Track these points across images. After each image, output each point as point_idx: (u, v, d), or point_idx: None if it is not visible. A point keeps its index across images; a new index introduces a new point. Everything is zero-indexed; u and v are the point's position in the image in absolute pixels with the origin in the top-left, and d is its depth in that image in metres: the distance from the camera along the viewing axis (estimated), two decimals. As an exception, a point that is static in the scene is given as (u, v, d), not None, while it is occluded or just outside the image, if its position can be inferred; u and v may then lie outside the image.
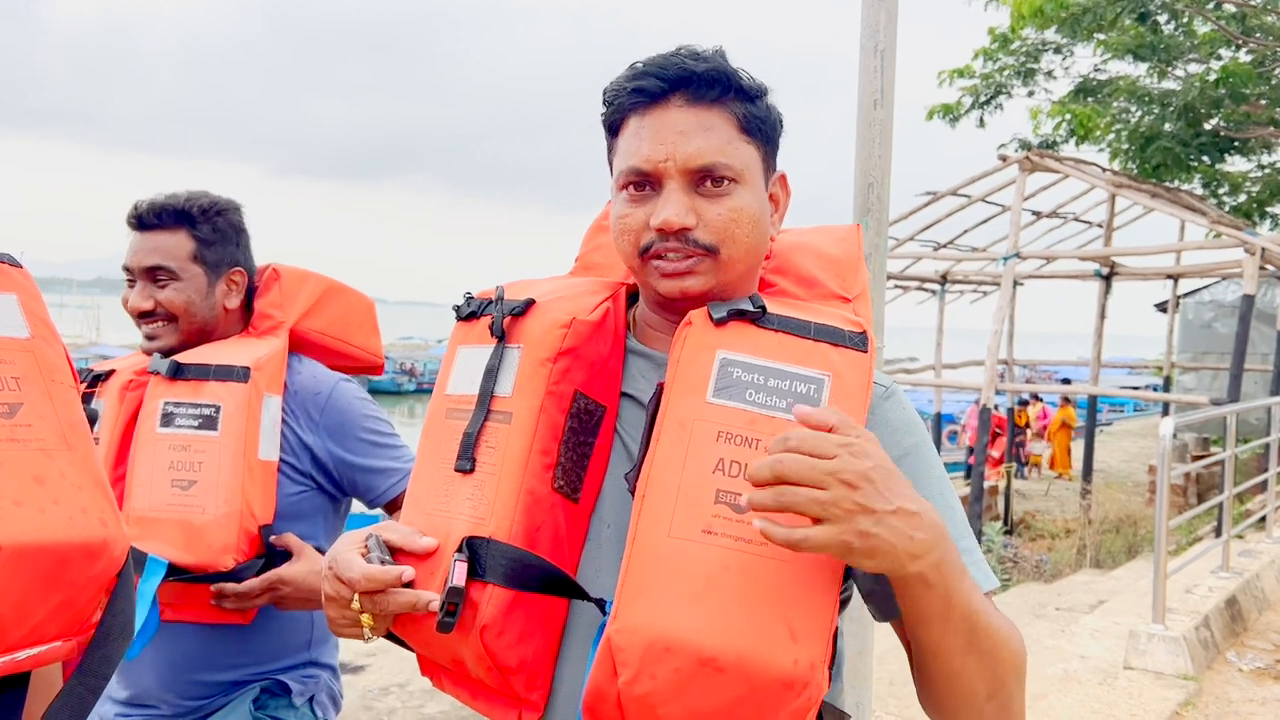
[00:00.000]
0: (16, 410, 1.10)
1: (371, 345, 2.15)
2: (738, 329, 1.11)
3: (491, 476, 1.14)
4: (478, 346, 1.22)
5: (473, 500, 1.14)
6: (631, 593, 1.00)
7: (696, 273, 1.13)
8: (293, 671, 1.94)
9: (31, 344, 1.16)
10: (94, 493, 1.14)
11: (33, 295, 1.19)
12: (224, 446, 1.79)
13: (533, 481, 1.13)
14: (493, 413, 1.17)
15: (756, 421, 1.04)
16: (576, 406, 1.16)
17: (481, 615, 1.08)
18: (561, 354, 1.17)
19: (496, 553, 1.09)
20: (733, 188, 1.13)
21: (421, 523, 1.17)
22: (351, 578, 1.10)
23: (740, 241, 1.13)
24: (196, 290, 1.94)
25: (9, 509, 1.04)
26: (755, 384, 1.06)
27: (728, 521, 1.00)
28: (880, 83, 2.26)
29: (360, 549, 1.14)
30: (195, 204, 1.95)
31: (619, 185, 1.16)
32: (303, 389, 1.93)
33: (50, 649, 1.10)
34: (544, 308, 1.21)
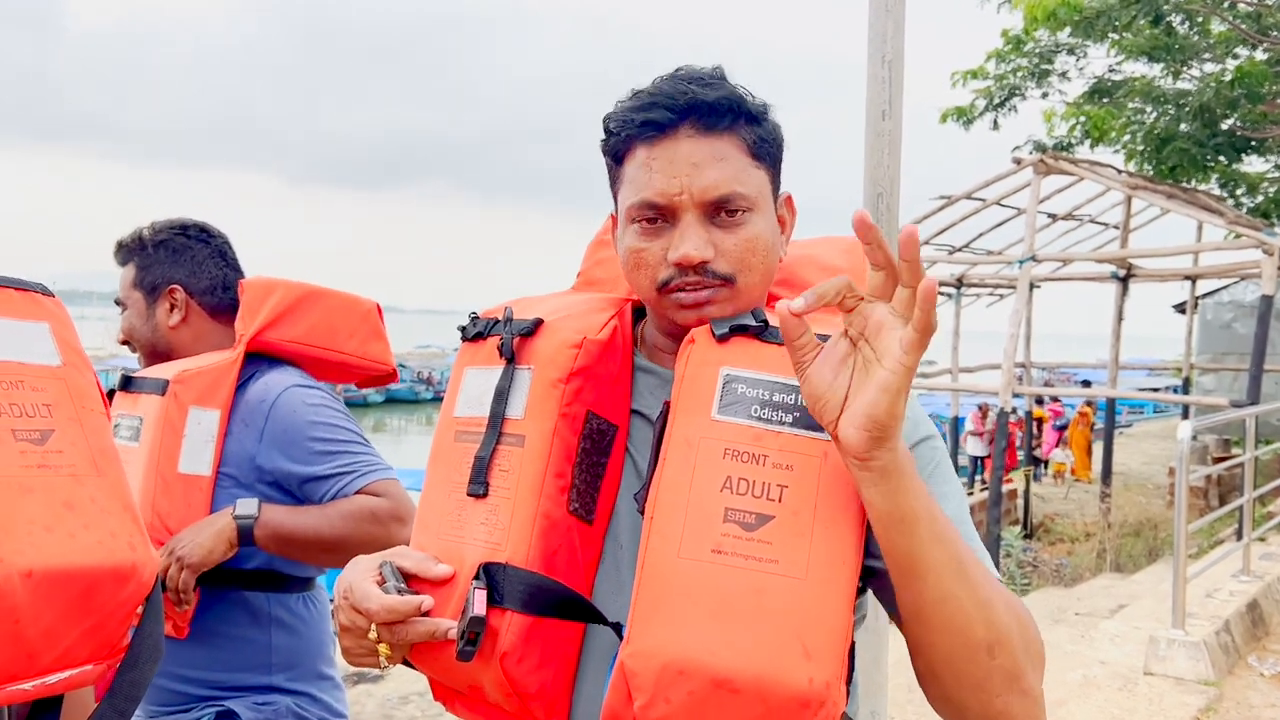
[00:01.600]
0: (48, 437, 1.13)
1: (371, 351, 2.08)
2: (740, 344, 1.10)
3: (506, 501, 1.13)
4: (486, 368, 1.21)
5: (487, 525, 1.13)
6: (643, 616, 0.99)
7: (715, 302, 1.12)
8: (246, 696, 1.89)
9: (63, 372, 1.19)
10: (123, 518, 1.17)
11: (64, 323, 1.23)
12: (139, 459, 1.80)
13: (548, 505, 1.12)
14: (504, 435, 1.17)
15: (762, 437, 1.04)
16: (589, 427, 1.16)
17: (502, 643, 1.08)
18: (573, 374, 1.17)
19: (514, 579, 1.09)
20: (747, 216, 1.13)
21: (434, 548, 1.17)
22: (370, 609, 1.09)
23: (756, 269, 1.13)
24: (138, 315, 2.03)
25: (40, 534, 1.07)
26: (760, 399, 1.05)
27: (738, 540, 0.99)
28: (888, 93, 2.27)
29: (375, 577, 1.14)
30: (139, 235, 2.04)
31: (629, 218, 1.15)
32: (249, 400, 1.91)
33: (81, 672, 1.13)
34: (553, 327, 1.20)
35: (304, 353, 2.01)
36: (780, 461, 1.02)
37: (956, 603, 0.96)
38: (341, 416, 1.93)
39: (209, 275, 2.05)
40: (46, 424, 1.14)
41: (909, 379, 0.88)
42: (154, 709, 1.91)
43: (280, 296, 1.98)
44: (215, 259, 2.07)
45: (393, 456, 9.80)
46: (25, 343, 1.17)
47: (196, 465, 1.83)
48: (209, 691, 1.88)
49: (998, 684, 0.98)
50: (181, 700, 1.89)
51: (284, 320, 1.97)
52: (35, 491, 1.09)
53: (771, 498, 1.01)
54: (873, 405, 0.88)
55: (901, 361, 0.87)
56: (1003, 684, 0.98)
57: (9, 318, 1.17)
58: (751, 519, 1.00)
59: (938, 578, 0.96)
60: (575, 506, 1.14)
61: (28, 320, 1.19)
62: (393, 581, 1.12)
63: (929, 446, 1.14)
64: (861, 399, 0.89)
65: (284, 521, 1.80)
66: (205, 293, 2.04)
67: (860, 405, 0.89)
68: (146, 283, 2.02)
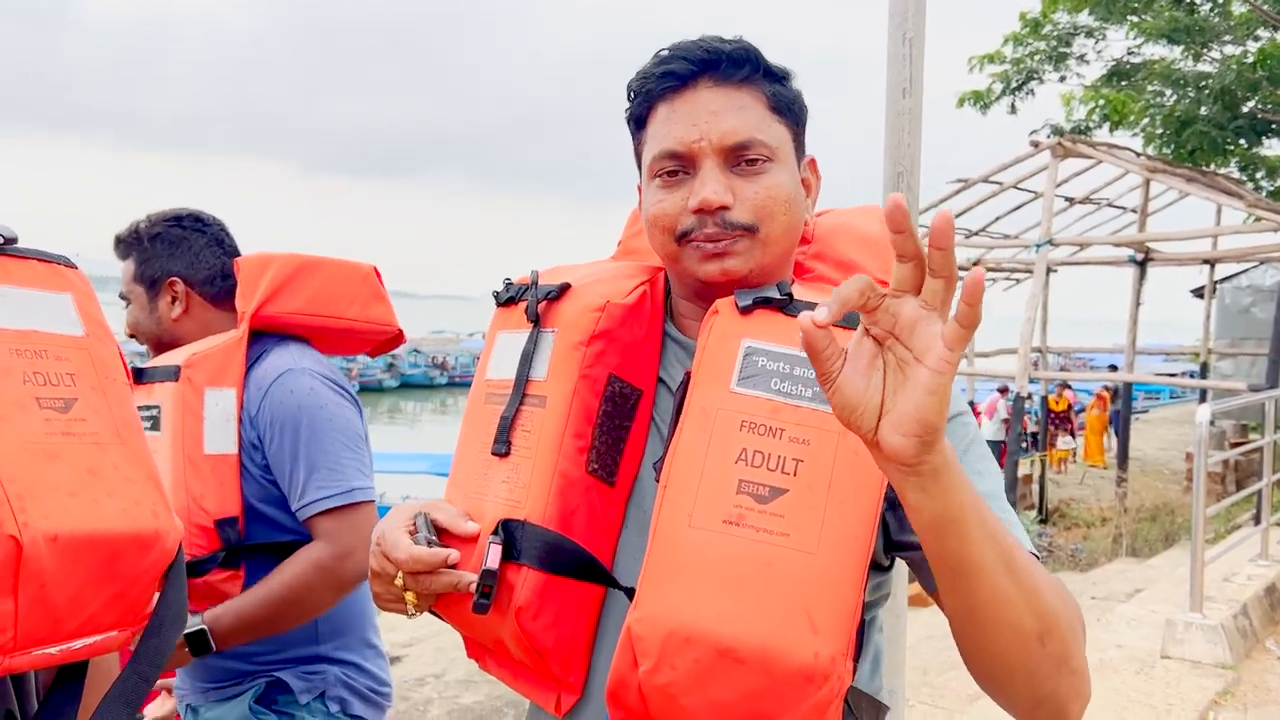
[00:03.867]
0: (71, 405, 1.14)
1: (374, 314, 2.07)
2: (764, 317, 1.09)
3: (526, 460, 1.15)
4: (515, 332, 1.23)
5: (508, 483, 1.15)
6: (652, 582, 1.00)
7: (736, 253, 1.11)
8: (295, 667, 1.93)
9: (86, 342, 1.20)
10: (146, 486, 1.17)
11: (87, 295, 1.23)
12: (164, 445, 1.82)
13: (566, 464, 1.14)
14: (528, 397, 1.18)
15: (780, 410, 1.03)
16: (611, 390, 1.16)
17: (517, 597, 1.10)
18: (595, 337, 1.17)
19: (531, 535, 1.11)
20: (768, 166, 1.12)
21: (461, 505, 1.19)
22: (398, 558, 1.12)
23: (778, 220, 1.12)
24: (141, 308, 2.06)
25: (64, 500, 1.08)
26: (780, 373, 1.05)
27: (750, 512, 0.99)
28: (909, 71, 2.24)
29: (408, 526, 1.15)
30: (136, 229, 2.06)
31: (650, 173, 1.15)
32: (253, 381, 1.92)
33: (106, 638, 1.14)
34: (579, 292, 1.21)
35: (308, 323, 2.01)
36: (797, 435, 1.02)
37: (1007, 598, 0.91)
38: (330, 411, 1.91)
39: (207, 264, 2.07)
40: (70, 392, 1.14)
41: (953, 377, 0.83)
42: (204, 685, 1.94)
43: (276, 269, 1.98)
44: (212, 247, 2.08)
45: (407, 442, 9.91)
46: (49, 313, 1.17)
47: (222, 445, 1.85)
48: (257, 666, 1.92)
49: (1048, 669, 0.95)
50: (231, 676, 1.92)
51: (283, 293, 1.97)
52: (60, 458, 1.10)
53: (786, 471, 1.00)
54: (920, 408, 0.80)
55: (946, 359, 0.80)
56: (1052, 668, 0.95)
57: (33, 288, 1.17)
58: (765, 491, 1.00)
59: (990, 577, 0.90)
60: (594, 467, 1.15)
61: (51, 291, 1.19)
62: (424, 533, 1.14)
63: (960, 424, 1.11)
64: (905, 403, 0.82)
65: (233, 622, 1.80)
66: (205, 282, 2.06)
67: (906, 410, 0.81)
68: (146, 276, 2.05)
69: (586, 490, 1.14)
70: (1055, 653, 0.94)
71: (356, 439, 1.94)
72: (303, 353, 1.99)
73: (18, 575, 1.02)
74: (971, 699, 4.65)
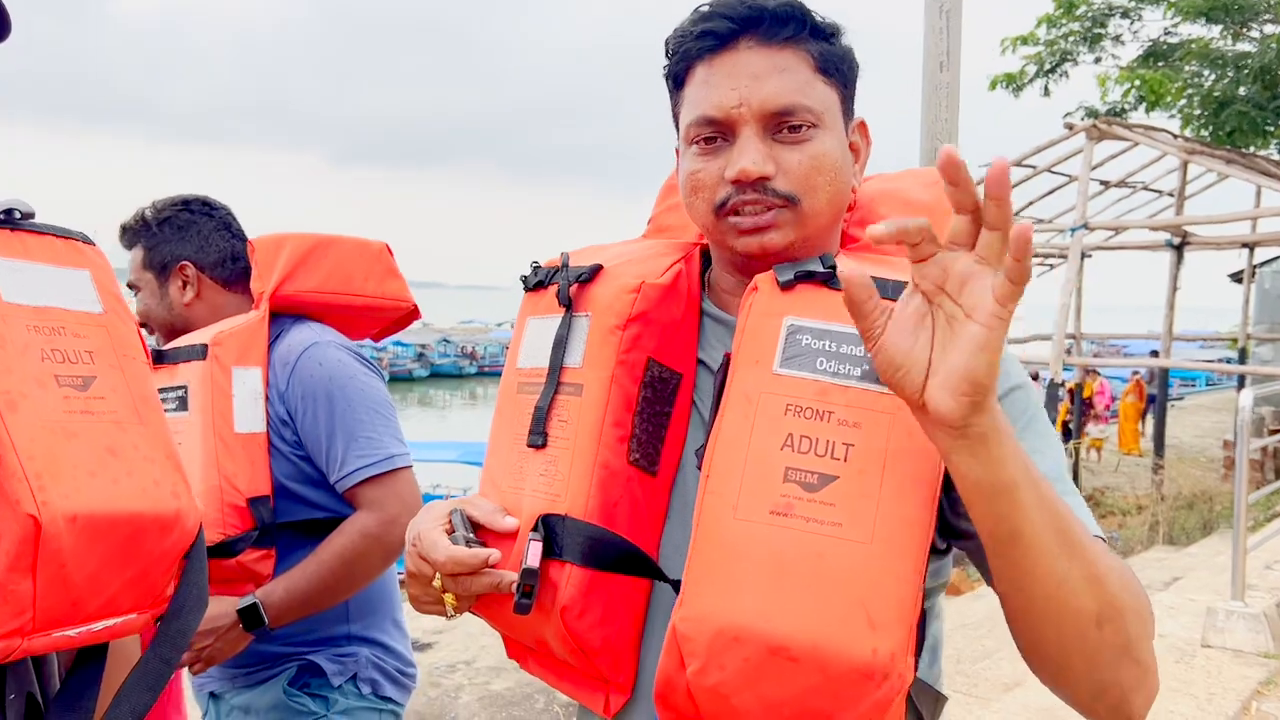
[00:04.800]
0: (90, 383, 1.12)
1: (389, 290, 2.06)
2: (807, 292, 1.03)
3: (565, 451, 1.10)
4: (546, 317, 1.18)
5: (546, 476, 1.11)
6: (697, 578, 0.95)
7: (777, 225, 1.05)
8: (327, 649, 1.92)
9: (105, 319, 1.17)
10: (166, 466, 1.15)
11: (105, 272, 1.21)
12: (193, 424, 1.81)
13: (607, 455, 1.09)
14: (563, 385, 1.13)
15: (828, 392, 0.97)
16: (650, 375, 1.11)
17: (561, 596, 1.05)
18: (631, 320, 1.11)
19: (573, 530, 1.06)
20: (813, 133, 1.05)
21: (498, 499, 1.15)
22: (436, 559, 1.07)
23: (822, 191, 1.05)
24: (151, 295, 2.05)
25: (84, 479, 1.05)
26: (826, 351, 0.99)
27: (798, 501, 0.94)
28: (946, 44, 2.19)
29: (445, 525, 1.11)
30: (142, 216, 2.05)
31: (687, 139, 1.09)
32: (278, 360, 1.91)
33: (126, 621, 1.12)
34: (611, 273, 1.16)
35: (325, 301, 2.01)
36: (846, 418, 0.96)
37: (1062, 576, 0.86)
38: (360, 381, 1.91)
39: (217, 248, 2.06)
40: (89, 370, 1.12)
41: (1005, 333, 0.79)
42: (235, 670, 1.93)
43: (291, 249, 1.98)
44: (221, 231, 2.08)
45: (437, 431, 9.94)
46: (67, 289, 1.15)
47: (251, 423, 1.84)
48: (289, 649, 1.91)
49: (1107, 656, 0.90)
50: (261, 659, 1.90)
51: (299, 271, 1.97)
52: (78, 437, 1.07)
53: (836, 456, 0.95)
54: (970, 366, 0.77)
55: (997, 315, 0.77)
56: (1113, 656, 0.90)
57: (51, 264, 1.15)
58: (814, 479, 0.94)
59: (1041, 548, 0.86)
60: (636, 457, 1.10)
61: (70, 267, 1.17)
62: (461, 531, 1.10)
63: (1020, 396, 1.05)
64: (954, 360, 0.79)
65: (284, 597, 1.80)
66: (215, 266, 2.05)
67: (955, 368, 0.78)
68: (156, 263, 2.04)
69: (628, 481, 1.09)
70: (1115, 640, 0.89)
71: (388, 407, 1.94)
72: (323, 328, 1.99)
73: (36, 555, 1.00)
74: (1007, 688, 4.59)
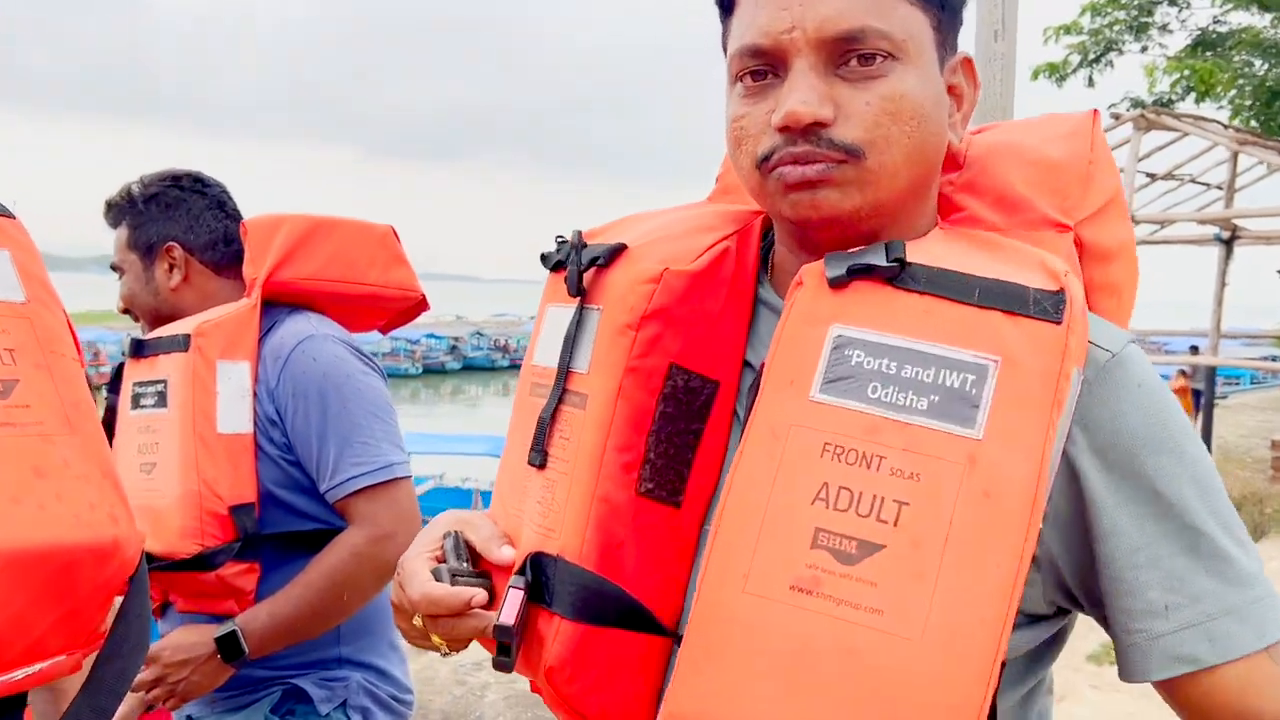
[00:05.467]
0: (11, 389, 0.95)
1: (395, 278, 1.88)
2: (864, 291, 0.81)
3: (562, 476, 0.91)
4: (563, 306, 0.97)
5: (543, 505, 0.92)
6: (691, 664, 0.76)
7: (832, 182, 0.82)
8: (315, 672, 1.76)
9: (28, 309, 1.00)
10: (101, 484, 0.98)
11: (28, 251, 1.04)
12: (172, 422, 1.64)
13: (608, 486, 0.88)
14: (568, 393, 0.93)
15: (880, 429, 0.76)
16: (672, 385, 0.89)
17: (548, 654, 0.87)
18: (647, 318, 0.90)
19: (564, 576, 0.87)
20: (889, 66, 0.82)
21: (502, 522, 0.98)
22: (411, 596, 0.91)
23: (897, 142, 0.82)
24: (135, 278, 1.88)
25: (5, 507, 0.89)
26: (884, 373, 0.77)
27: (828, 576, 0.74)
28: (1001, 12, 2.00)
29: (435, 552, 0.95)
30: (128, 191, 1.88)
31: (733, 76, 0.88)
32: (269, 353, 1.74)
33: (54, 664, 0.95)
34: (634, 255, 0.93)
35: (324, 290, 1.83)
36: (902, 467, 0.75)
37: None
38: (358, 380, 1.75)
39: (208, 229, 1.89)
40: (9, 373, 0.96)
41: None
42: (213, 694, 1.76)
43: (287, 231, 1.79)
44: (213, 210, 1.91)
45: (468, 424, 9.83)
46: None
47: (236, 423, 1.67)
48: (273, 672, 1.74)
49: None
50: (243, 683, 1.74)
51: (296, 256, 1.79)
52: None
53: (884, 518, 0.74)
54: None
55: None
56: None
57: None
58: (852, 548, 0.74)
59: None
60: (649, 487, 0.89)
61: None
62: (451, 561, 0.94)
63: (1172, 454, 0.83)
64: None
65: (267, 624, 1.65)
66: (206, 248, 1.88)
67: None
68: (141, 243, 1.87)
69: (638, 516, 0.89)
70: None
71: (387, 410, 1.77)
72: (320, 320, 1.82)
73: None
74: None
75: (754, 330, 0.94)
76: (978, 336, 0.77)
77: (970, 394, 0.76)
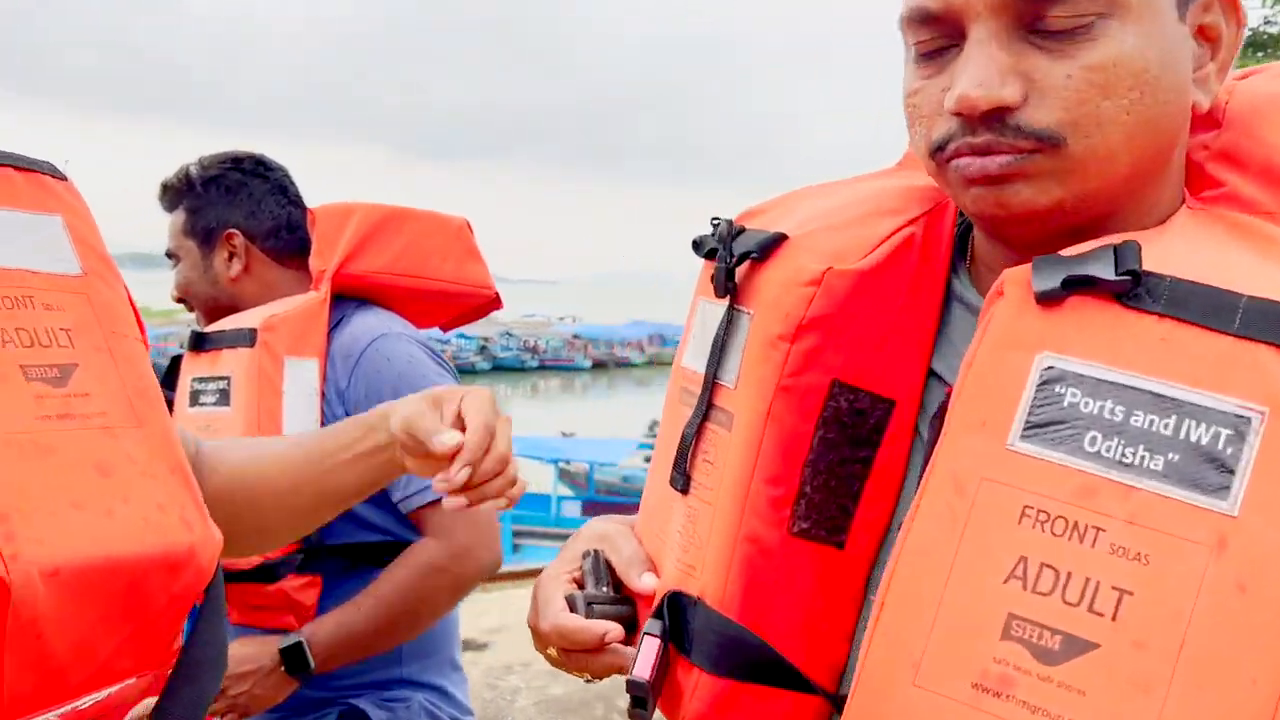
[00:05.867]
0: (69, 374, 0.82)
1: (469, 274, 1.77)
2: (1083, 310, 0.63)
3: (705, 506, 0.78)
4: (715, 302, 0.82)
5: (683, 535, 0.80)
6: None
7: (1023, 175, 0.66)
8: (374, 693, 1.65)
9: (85, 283, 0.88)
10: (171, 482, 0.86)
11: (83, 218, 0.91)
12: (234, 423, 1.55)
13: (755, 523, 0.75)
14: (714, 409, 0.80)
15: (1098, 492, 0.59)
16: (834, 407, 0.75)
17: (687, 709, 0.77)
18: (804, 327, 0.75)
19: (704, 621, 0.76)
20: (1101, 27, 0.64)
21: (647, 543, 0.87)
22: (541, 627, 0.83)
23: (1113, 120, 0.65)
24: (192, 266, 1.78)
25: (66, 514, 0.77)
26: (1105, 420, 0.60)
27: (1023, 676, 0.58)
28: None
29: (574, 573, 0.86)
30: (186, 174, 1.78)
31: (906, 42, 0.73)
32: (338, 351, 1.64)
33: (122, 688, 0.84)
34: (794, 248, 0.77)
35: (394, 285, 1.72)
36: (1126, 544, 0.59)
37: None
38: (434, 382, 1.64)
39: (270, 215, 1.78)
40: (65, 356, 0.83)
41: None
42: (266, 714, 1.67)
43: (359, 221, 1.69)
44: (276, 195, 1.80)
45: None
46: (32, 243, 0.85)
47: (303, 424, 1.57)
48: (330, 693, 1.64)
49: None
50: (298, 704, 1.64)
51: (367, 248, 1.68)
52: (57, 452, 0.79)
53: (1099, 609, 0.58)
54: None
55: None
56: None
57: (8, 207, 0.85)
58: (1055, 643, 0.58)
59: None
60: (804, 526, 0.75)
61: (34, 211, 0.87)
62: (589, 585, 0.84)
63: None
64: None
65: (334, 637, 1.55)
66: (268, 235, 1.78)
67: None
68: (199, 228, 1.77)
69: (790, 559, 0.75)
70: None
71: None
72: (391, 317, 1.71)
73: (4, 626, 0.73)
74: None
75: (944, 334, 0.78)
76: (1237, 378, 0.59)
77: (1224, 454, 0.58)
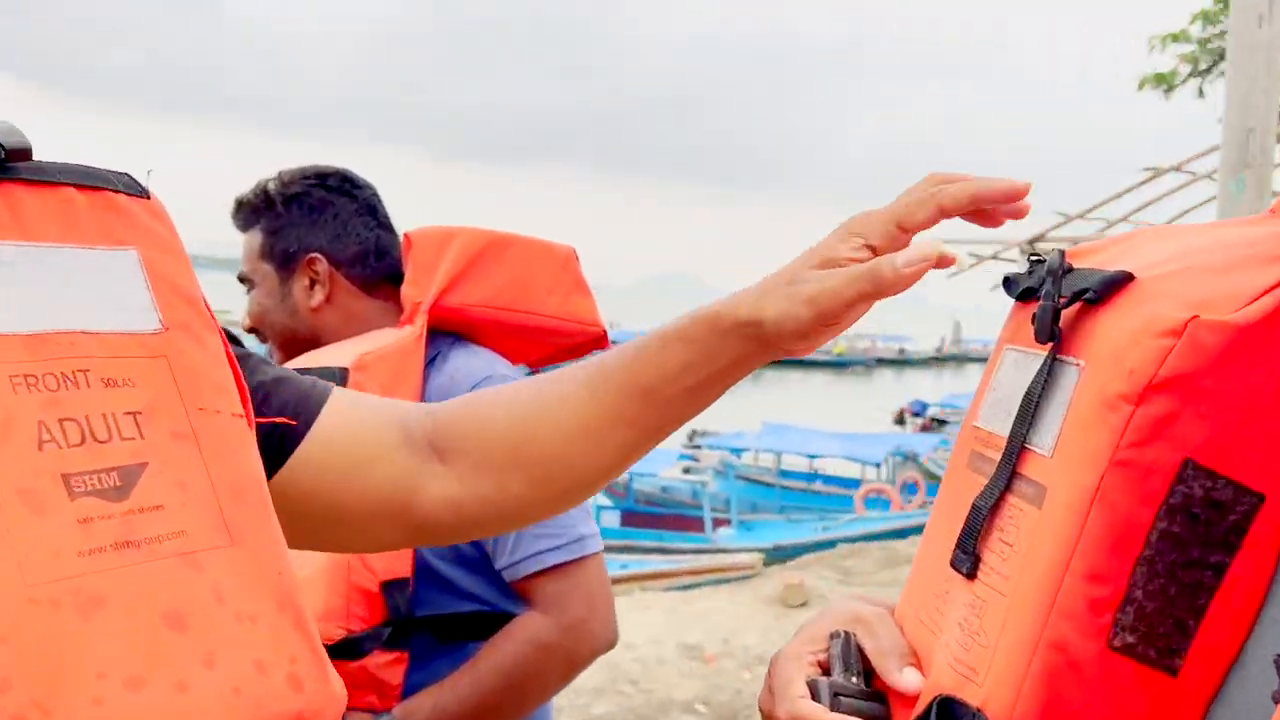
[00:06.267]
0: (134, 480, 0.59)
1: (576, 309, 1.57)
2: None
3: (999, 598, 0.64)
4: (1025, 351, 0.69)
5: (964, 629, 0.66)
6: None
7: None
8: None
9: (166, 342, 0.65)
10: (279, 624, 0.64)
11: (168, 248, 0.69)
12: None
13: (1064, 627, 0.59)
14: (1019, 479, 0.65)
15: None
16: (1183, 493, 0.58)
17: None
18: (1155, 387, 0.58)
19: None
20: None
21: (912, 629, 0.74)
22: (776, 714, 0.73)
23: None
24: (269, 294, 1.61)
25: (117, 699, 0.55)
26: None
27: None
28: (1269, -7, 1.67)
29: (819, 655, 0.75)
30: (264, 190, 1.60)
31: None
32: (435, 394, 1.45)
33: None
34: (1143, 291, 0.62)
35: (495, 319, 1.54)
36: None
37: None
38: None
39: (357, 238, 1.60)
40: (132, 453, 0.60)
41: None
42: None
43: (460, 248, 1.50)
44: (364, 216, 1.62)
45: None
46: (94, 292, 0.63)
47: None
48: None
49: None
50: None
51: (467, 278, 1.50)
52: (108, 603, 0.56)
53: None
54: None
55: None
56: None
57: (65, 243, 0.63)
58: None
59: None
60: (1128, 640, 0.58)
61: (98, 246, 0.65)
62: (836, 673, 0.74)
63: None
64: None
65: (430, 717, 1.38)
66: (354, 262, 1.59)
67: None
68: (278, 252, 1.59)
69: (1106, 678, 0.59)
70: None
71: None
72: (492, 357, 1.54)
73: None
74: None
75: None
76: None
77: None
